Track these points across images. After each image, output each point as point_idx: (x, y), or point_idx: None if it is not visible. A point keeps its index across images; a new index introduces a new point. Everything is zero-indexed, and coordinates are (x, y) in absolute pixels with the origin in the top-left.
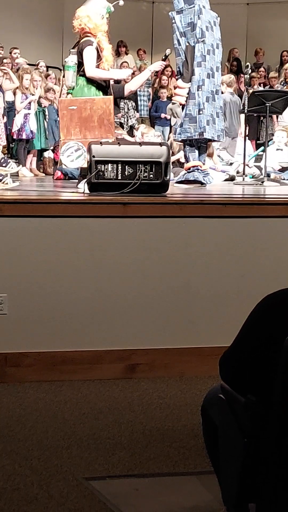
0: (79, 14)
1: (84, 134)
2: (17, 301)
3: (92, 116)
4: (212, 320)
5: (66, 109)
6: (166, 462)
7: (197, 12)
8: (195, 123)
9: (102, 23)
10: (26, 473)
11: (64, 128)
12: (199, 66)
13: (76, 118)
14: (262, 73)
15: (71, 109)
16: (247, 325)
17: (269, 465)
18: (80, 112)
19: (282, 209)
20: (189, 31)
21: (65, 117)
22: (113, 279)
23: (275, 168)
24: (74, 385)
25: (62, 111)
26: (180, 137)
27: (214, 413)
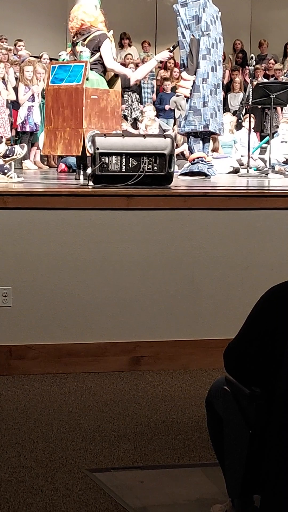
0: (74, 13)
1: (101, 124)
2: (22, 293)
3: (106, 107)
4: (216, 312)
5: (89, 98)
6: (171, 454)
7: (202, 5)
8: (199, 116)
9: (98, 13)
10: (31, 465)
11: (87, 117)
12: (204, 59)
13: (96, 108)
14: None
15: (93, 98)
16: (252, 317)
17: (274, 456)
18: (99, 102)
19: (286, 201)
20: (194, 24)
21: (88, 105)
22: (118, 272)
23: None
24: (78, 378)
25: (86, 99)
26: (184, 129)
27: (219, 405)
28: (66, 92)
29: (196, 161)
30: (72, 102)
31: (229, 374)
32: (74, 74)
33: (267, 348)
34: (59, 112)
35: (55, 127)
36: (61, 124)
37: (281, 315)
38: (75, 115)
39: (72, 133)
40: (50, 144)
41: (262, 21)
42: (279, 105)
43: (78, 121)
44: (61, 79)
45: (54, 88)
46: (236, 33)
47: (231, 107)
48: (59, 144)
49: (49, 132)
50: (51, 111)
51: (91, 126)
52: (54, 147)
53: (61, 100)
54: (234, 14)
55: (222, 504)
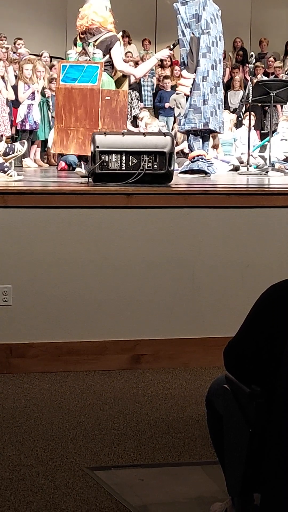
0: (85, 12)
1: (112, 124)
2: (22, 292)
3: (117, 108)
4: (216, 310)
5: (104, 99)
6: (171, 452)
7: (202, 3)
8: (199, 114)
9: (108, 15)
10: (31, 464)
11: (102, 118)
12: (204, 57)
13: (108, 109)
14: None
15: (107, 99)
16: (251, 315)
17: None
18: (110, 103)
19: (286, 199)
20: (194, 22)
21: (103, 106)
22: (118, 270)
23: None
24: (79, 376)
25: (102, 100)
26: (184, 127)
27: (219, 404)
28: (80, 92)
29: (196, 159)
30: (87, 102)
31: (229, 372)
32: (89, 75)
33: (267, 346)
34: (72, 111)
35: (66, 126)
36: (74, 123)
37: (281, 313)
38: (90, 115)
39: (86, 133)
40: (61, 142)
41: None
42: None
43: (93, 121)
44: (74, 78)
45: (66, 87)
46: (236, 31)
47: (231, 105)
48: (72, 143)
49: (60, 131)
50: (62, 110)
51: (105, 127)
52: (67, 146)
53: (74, 99)
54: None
55: (222, 502)
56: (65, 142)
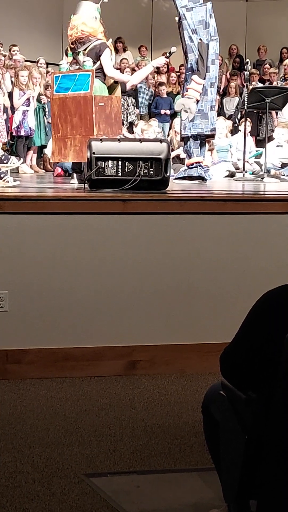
0: (74, 23)
1: (107, 130)
2: (18, 298)
3: (111, 113)
4: (212, 316)
5: (97, 105)
6: (167, 458)
7: (209, 10)
8: (206, 119)
9: (98, 24)
10: (27, 470)
11: (97, 124)
12: (213, 64)
13: (103, 115)
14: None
15: (100, 105)
16: (248, 321)
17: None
18: (105, 109)
19: (282, 205)
20: (201, 29)
21: (97, 113)
22: (114, 276)
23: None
24: (75, 382)
25: (95, 107)
26: (190, 132)
27: (215, 410)
28: (74, 100)
29: (195, 165)
30: (81, 110)
31: (225, 379)
32: (81, 83)
33: (262, 352)
34: (67, 120)
35: (63, 135)
36: (70, 131)
37: (276, 320)
38: (85, 122)
39: (82, 140)
40: (60, 151)
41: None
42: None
43: (88, 128)
44: (67, 88)
45: (60, 97)
46: (231, 38)
47: (226, 112)
48: (70, 151)
49: (58, 140)
50: (58, 119)
51: (100, 133)
52: (65, 155)
53: (68, 108)
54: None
55: (219, 509)
56: (63, 151)
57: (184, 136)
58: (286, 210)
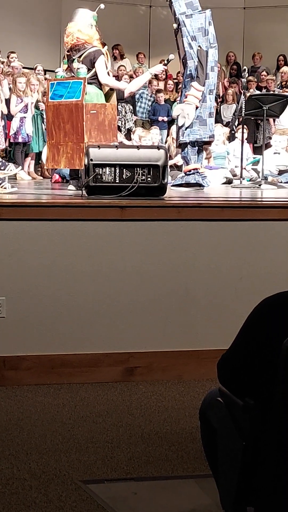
0: (70, 30)
1: (100, 137)
2: (15, 304)
3: (104, 121)
4: (210, 323)
5: (88, 113)
6: (165, 465)
7: (208, 18)
8: (205, 126)
9: (93, 32)
10: (24, 477)
11: (88, 131)
12: (212, 71)
13: (95, 122)
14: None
15: (92, 113)
16: (245, 328)
17: (268, 468)
18: (97, 116)
19: (279, 212)
20: (200, 36)
21: (88, 120)
22: (111, 282)
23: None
24: (72, 388)
25: (86, 114)
26: (189, 138)
27: (213, 416)
28: (67, 108)
29: (192, 172)
30: (73, 117)
31: (223, 385)
32: (73, 91)
33: (260, 359)
34: (60, 127)
35: (57, 142)
36: (63, 138)
37: (274, 326)
38: (76, 130)
39: (74, 147)
40: (53, 158)
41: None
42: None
43: (79, 135)
44: (61, 95)
45: (54, 104)
46: (229, 45)
47: (224, 118)
48: (62, 158)
49: (52, 146)
50: (53, 126)
51: (92, 140)
52: (58, 161)
53: (61, 115)
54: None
55: None
56: (56, 157)
57: (182, 142)
58: (283, 216)
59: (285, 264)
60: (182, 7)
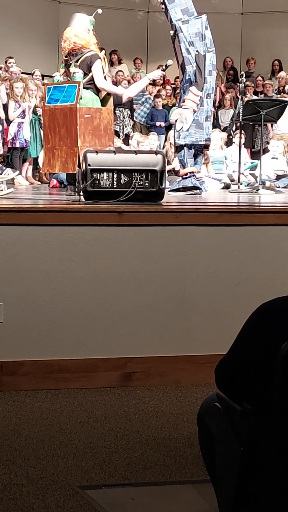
0: (67, 35)
1: (95, 141)
2: (13, 309)
3: (100, 125)
4: (207, 328)
5: (83, 117)
6: (163, 470)
7: (205, 23)
8: (201, 129)
9: (90, 36)
10: (22, 483)
11: (82, 135)
12: (210, 75)
13: (89, 126)
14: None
15: (86, 117)
16: (243, 333)
17: (266, 473)
18: (92, 120)
19: (277, 217)
20: (198, 41)
21: (82, 124)
22: (109, 288)
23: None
24: (70, 394)
25: (80, 118)
26: (184, 141)
27: (210, 422)
28: (62, 112)
29: (189, 175)
30: (67, 121)
31: (221, 390)
32: (68, 95)
33: (258, 364)
34: (56, 131)
35: (52, 146)
36: (58, 143)
37: (272, 331)
38: (70, 134)
39: (68, 151)
40: (48, 162)
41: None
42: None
43: (73, 139)
44: (56, 99)
45: (50, 108)
46: (226, 51)
47: (221, 123)
48: (57, 162)
49: (48, 150)
50: (48, 130)
51: (86, 144)
52: (53, 165)
53: (57, 119)
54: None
55: None
56: (52, 161)
57: (178, 145)
58: (281, 222)
59: (282, 269)
60: (178, 13)
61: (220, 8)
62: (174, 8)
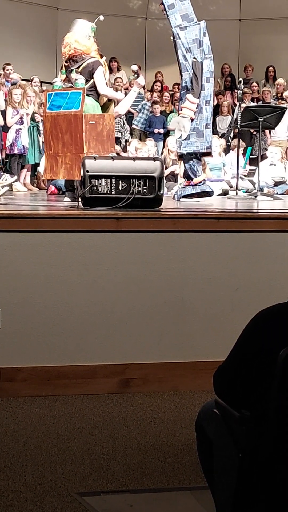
0: (67, 41)
1: (98, 148)
2: (11, 315)
3: (102, 131)
4: (206, 334)
5: (88, 124)
6: (161, 477)
7: (203, 29)
8: (202, 137)
9: (91, 43)
10: (20, 489)
11: (87, 142)
12: (208, 81)
13: (94, 133)
14: (255, 88)
15: (91, 123)
16: (241, 339)
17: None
18: (96, 127)
19: (275, 223)
20: (195, 47)
21: (87, 131)
22: (107, 294)
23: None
24: (68, 400)
25: (85, 125)
26: (186, 150)
27: (209, 428)
28: (65, 118)
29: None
30: (72, 128)
31: (219, 396)
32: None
33: (257, 371)
34: (59, 137)
35: (55, 152)
36: (61, 149)
37: (270, 337)
38: (75, 140)
39: (73, 157)
40: (51, 169)
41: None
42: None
43: (78, 146)
44: (59, 106)
45: (52, 115)
46: (224, 57)
47: (219, 130)
48: (61, 169)
49: (50, 157)
50: (50, 137)
51: (91, 151)
52: (56, 172)
53: (59, 126)
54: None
55: None
56: (55, 168)
57: (180, 154)
58: (279, 228)
59: (280, 275)
60: (177, 19)
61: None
62: (174, 14)
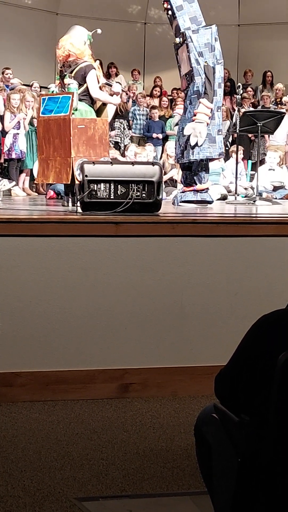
0: (62, 43)
1: (89, 152)
2: (10, 320)
3: (94, 136)
4: (205, 339)
5: (76, 128)
6: (160, 482)
7: (214, 34)
8: (214, 143)
9: (85, 48)
10: (18, 495)
11: (75, 146)
12: (219, 87)
13: (83, 137)
14: (250, 92)
15: (80, 127)
16: (243, 345)
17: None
18: (86, 131)
19: (274, 228)
20: (207, 52)
21: (76, 135)
22: (106, 299)
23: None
24: (67, 405)
25: (73, 129)
26: (199, 156)
27: (208, 433)
28: (56, 122)
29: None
30: (61, 132)
31: (219, 400)
32: (62, 105)
33: (258, 376)
34: (50, 142)
35: (47, 157)
36: (52, 153)
37: (271, 344)
38: (64, 144)
39: (62, 161)
40: (43, 173)
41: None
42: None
43: (66, 150)
44: (51, 110)
45: (45, 119)
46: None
47: None
48: (51, 173)
49: (42, 161)
50: (43, 141)
51: (80, 155)
52: (47, 176)
53: (51, 130)
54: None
55: None
56: (46, 172)
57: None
58: (278, 232)
59: (279, 279)
60: (186, 22)
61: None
62: (183, 16)
